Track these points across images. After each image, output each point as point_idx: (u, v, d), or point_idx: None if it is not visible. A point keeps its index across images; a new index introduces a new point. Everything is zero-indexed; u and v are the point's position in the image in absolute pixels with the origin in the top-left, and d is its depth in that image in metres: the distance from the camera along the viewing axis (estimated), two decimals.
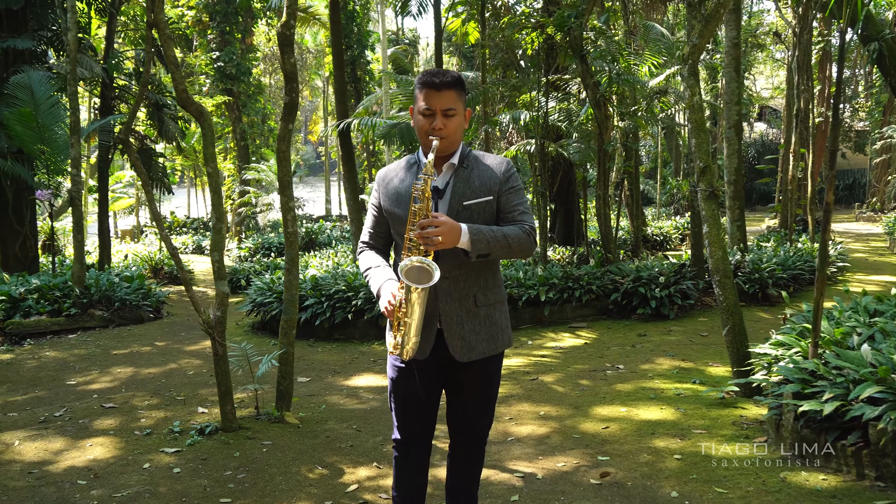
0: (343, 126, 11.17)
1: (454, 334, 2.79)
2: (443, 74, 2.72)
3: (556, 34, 8.82)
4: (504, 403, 5.51)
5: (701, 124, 5.72)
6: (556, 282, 8.58)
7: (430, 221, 2.60)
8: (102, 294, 10.33)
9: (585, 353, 7.07)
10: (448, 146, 2.77)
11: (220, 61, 21.46)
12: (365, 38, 27.27)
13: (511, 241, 2.71)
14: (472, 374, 2.88)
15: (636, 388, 5.67)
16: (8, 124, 11.15)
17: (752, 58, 24.13)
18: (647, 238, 15.36)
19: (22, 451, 4.87)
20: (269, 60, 34.36)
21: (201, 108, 4.73)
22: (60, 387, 7.24)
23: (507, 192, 2.81)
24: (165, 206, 30.42)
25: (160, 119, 15.40)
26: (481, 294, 2.82)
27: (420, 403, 2.93)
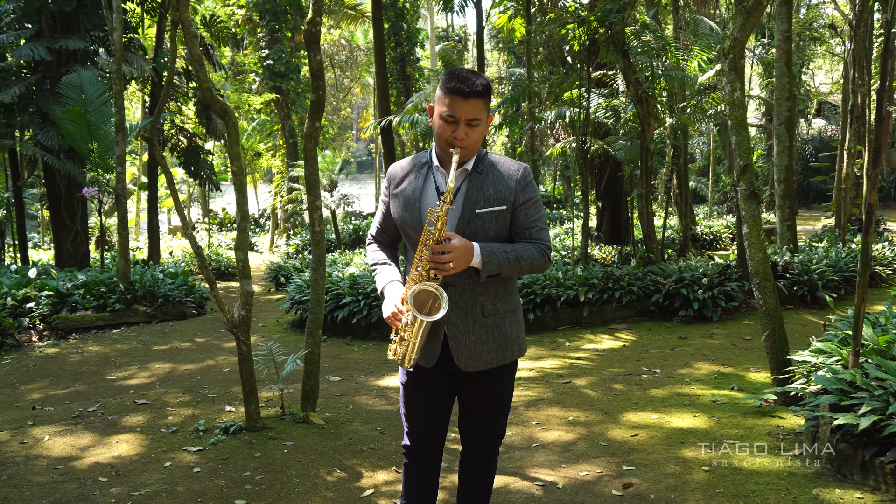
0: (384, 123, 11.14)
1: (460, 344, 2.69)
2: (472, 82, 2.54)
3: (599, 29, 8.62)
4: (533, 407, 5.39)
5: (741, 121, 5.50)
6: (596, 282, 8.40)
7: (443, 247, 2.51)
8: (146, 290, 10.49)
9: (622, 356, 6.89)
10: (467, 156, 2.65)
11: (269, 59, 21.68)
12: (414, 34, 27.25)
13: (524, 262, 2.62)
14: (480, 384, 2.78)
15: (671, 393, 5.49)
16: (59, 123, 11.41)
17: (810, 52, 23.39)
18: (697, 237, 14.99)
19: (50, 446, 4.93)
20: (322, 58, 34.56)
21: (226, 107, 4.71)
22: (100, 382, 7.35)
23: (525, 206, 2.68)
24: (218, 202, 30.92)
25: (208, 117, 15.61)
26: (490, 304, 2.70)
27: (430, 411, 2.84)
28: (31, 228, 27.23)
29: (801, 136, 27.34)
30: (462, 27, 30.05)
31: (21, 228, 15.84)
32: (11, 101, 12.26)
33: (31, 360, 8.43)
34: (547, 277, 8.53)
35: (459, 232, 2.62)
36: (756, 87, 25.00)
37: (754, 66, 24.33)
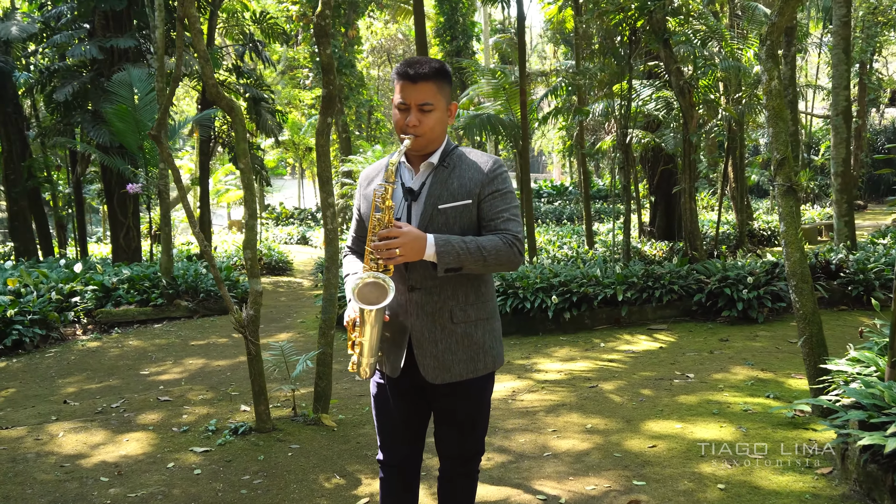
0: None
1: (426, 353, 2.50)
2: (420, 64, 2.44)
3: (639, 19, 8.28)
4: (552, 413, 5.17)
5: (779, 112, 5.15)
6: (636, 280, 8.08)
7: (389, 232, 2.34)
8: (189, 285, 10.58)
9: (657, 359, 6.59)
10: (424, 145, 2.48)
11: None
12: (469, 28, 27.04)
13: (487, 254, 2.39)
14: (452, 398, 2.58)
15: (700, 400, 5.19)
16: (109, 120, 11.61)
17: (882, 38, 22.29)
18: (753, 232, 14.41)
19: (63, 443, 4.94)
20: (378, 53, 34.71)
21: (232, 104, 4.62)
22: (133, 377, 7.40)
23: (491, 197, 2.48)
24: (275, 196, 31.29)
25: (258, 112, 15.73)
26: (459, 310, 2.51)
27: (402, 424, 2.67)
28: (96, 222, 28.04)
29: (873, 126, 26.16)
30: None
31: (81, 222, 16.27)
32: (66, 100, 12.53)
33: (73, 353, 8.57)
34: (584, 275, 8.25)
35: (422, 229, 2.44)
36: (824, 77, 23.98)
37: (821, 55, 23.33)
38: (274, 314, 11.06)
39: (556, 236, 16.13)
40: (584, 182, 13.55)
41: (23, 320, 8.75)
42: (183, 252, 17.29)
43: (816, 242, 14.06)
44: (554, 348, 7.38)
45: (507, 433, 4.81)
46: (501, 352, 2.64)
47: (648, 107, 11.45)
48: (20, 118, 14.68)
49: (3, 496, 4.10)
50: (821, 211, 18.61)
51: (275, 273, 16.73)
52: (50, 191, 16.79)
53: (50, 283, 9.91)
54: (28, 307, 8.94)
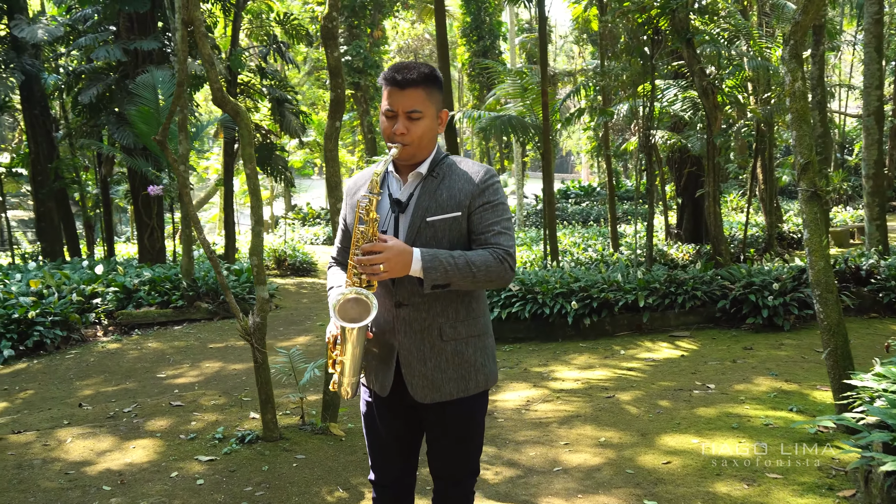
0: None
1: (414, 372, 2.39)
2: (408, 70, 2.33)
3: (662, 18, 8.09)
4: (566, 425, 5.03)
5: (802, 114, 4.96)
6: (658, 286, 7.89)
7: (373, 247, 2.22)
8: (209, 287, 10.58)
9: (678, 368, 6.41)
10: (412, 154, 2.37)
11: (347, 55, 21.75)
12: (496, 27, 26.91)
13: (476, 270, 2.27)
14: (442, 418, 2.47)
15: (720, 413, 5.02)
16: (133, 122, 11.66)
17: None
18: (783, 235, 14.08)
19: (70, 449, 4.90)
20: (405, 53, 34.68)
21: (237, 108, 4.54)
22: (149, 380, 7.39)
23: (482, 209, 2.37)
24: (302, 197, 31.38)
25: (281, 114, 15.73)
26: (449, 326, 2.39)
27: (392, 444, 2.56)
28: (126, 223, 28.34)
29: None
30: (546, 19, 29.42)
31: (108, 223, 16.41)
32: (91, 101, 12.62)
33: (93, 355, 8.59)
34: (605, 280, 8.09)
35: (409, 243, 2.33)
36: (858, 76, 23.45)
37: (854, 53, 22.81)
38: (294, 316, 11.03)
39: (581, 238, 15.94)
40: (610, 183, 13.36)
41: (44, 321, 8.79)
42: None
43: (848, 245, 13.72)
44: (573, 355, 7.23)
45: (518, 445, 4.68)
46: (495, 369, 2.52)
47: (674, 107, 11.23)
48: (48, 120, 14.83)
49: (6, 502, 4.07)
50: (853, 213, 18.19)
51: (298, 274, 16.73)
52: (78, 191, 16.94)
53: (72, 284, 9.97)
54: (50, 308, 8.98)
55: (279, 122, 15.93)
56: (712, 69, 8.48)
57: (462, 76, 34.79)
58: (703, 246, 12.45)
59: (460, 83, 36.81)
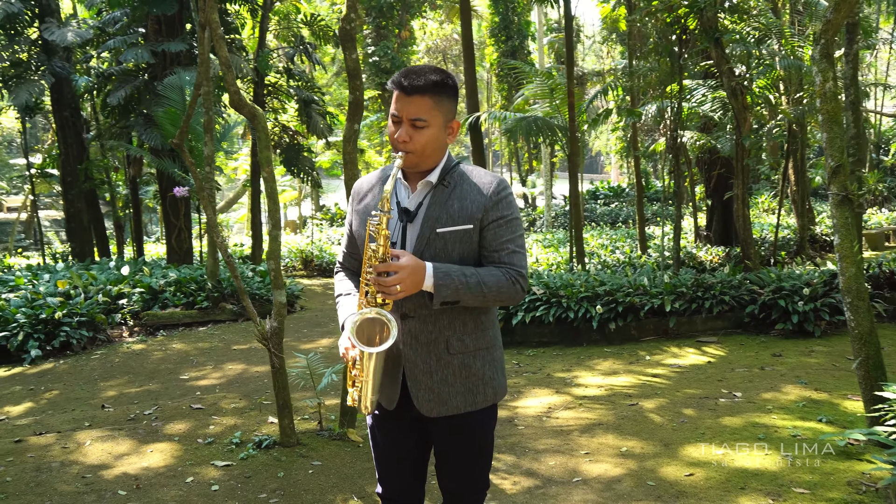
0: (472, 120, 10.79)
1: (420, 385, 2.32)
2: (417, 75, 2.23)
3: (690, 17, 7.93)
4: (587, 434, 4.93)
5: (833, 116, 4.81)
6: (685, 290, 7.74)
7: (388, 266, 2.15)
8: (234, 288, 10.59)
9: (704, 375, 6.27)
10: (415, 162, 2.28)
11: (374, 55, 21.76)
12: (524, 27, 26.76)
13: (487, 291, 2.22)
14: (449, 432, 2.40)
15: (745, 423, 4.88)
16: (160, 123, 11.73)
17: None
18: (815, 238, 13.79)
19: (88, 452, 4.91)
20: (433, 53, 34.65)
21: (254, 111, 4.51)
22: (172, 381, 7.41)
23: (495, 224, 2.29)
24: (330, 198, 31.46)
25: (308, 115, 15.76)
26: (456, 339, 2.32)
27: (399, 457, 2.50)
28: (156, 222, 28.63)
29: None
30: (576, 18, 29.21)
31: (137, 223, 16.57)
32: (119, 103, 12.73)
33: (118, 355, 8.65)
34: (631, 284, 7.95)
35: (417, 254, 2.26)
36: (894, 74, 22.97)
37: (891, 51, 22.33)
38: (319, 318, 11.02)
39: (608, 240, 15.76)
40: (638, 184, 13.19)
41: (71, 322, 8.87)
42: (235, 254, 17.47)
43: (883, 248, 13.41)
44: (597, 360, 7.11)
45: (538, 454, 4.60)
46: (504, 382, 2.44)
47: (703, 108, 11.05)
48: (78, 121, 15.00)
49: None
50: (889, 215, 17.79)
51: (325, 275, 16.75)
52: (109, 192, 17.12)
53: (98, 285, 10.04)
54: (76, 309, 9.06)
55: (306, 123, 15.96)
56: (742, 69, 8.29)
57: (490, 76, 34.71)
58: (732, 248, 12.23)
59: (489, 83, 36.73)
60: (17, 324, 8.59)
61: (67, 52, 14.63)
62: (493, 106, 35.66)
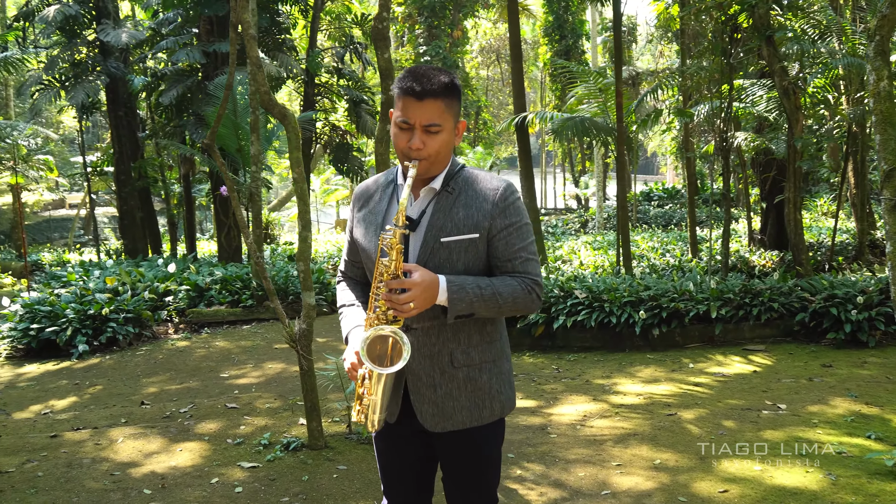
0: (518, 120, 10.68)
1: (423, 399, 2.24)
2: (427, 78, 2.13)
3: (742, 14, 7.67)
4: (621, 444, 4.77)
5: (888, 116, 4.57)
6: (732, 296, 7.48)
7: (402, 283, 2.07)
8: (278, 287, 10.66)
9: (748, 385, 6.04)
10: (426, 169, 2.19)
11: (426, 55, 21.76)
12: (578, 26, 26.46)
13: (503, 301, 2.13)
14: (454, 447, 2.30)
15: (788, 437, 4.67)
16: (209, 122, 11.89)
17: None
18: (875, 243, 13.25)
19: (119, 449, 4.95)
20: (487, 53, 34.53)
21: (284, 111, 4.48)
22: (212, 379, 7.46)
23: (505, 233, 2.19)
24: None
25: (357, 114, 15.83)
26: (461, 352, 2.22)
27: (404, 470, 2.42)
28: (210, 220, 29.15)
29: None
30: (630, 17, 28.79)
31: (190, 221, 16.84)
32: (171, 103, 12.95)
33: (162, 352, 8.76)
34: (676, 289, 7.73)
35: (421, 264, 2.17)
36: None
37: None
38: None
39: (659, 243, 15.44)
40: (690, 186, 12.87)
41: (118, 318, 9.02)
42: (284, 252, 17.64)
43: None
44: (639, 367, 6.93)
45: (568, 465, 4.47)
46: (512, 395, 2.34)
47: (758, 108, 10.71)
48: (133, 120, 15.31)
49: (49, 502, 4.11)
50: None
51: None
52: (163, 190, 17.44)
53: (146, 281, 10.21)
54: (123, 305, 9.21)
55: (355, 122, 16.03)
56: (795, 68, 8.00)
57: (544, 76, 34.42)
58: (787, 253, 11.83)
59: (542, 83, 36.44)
60: (66, 319, 8.78)
61: (124, 53, 14.95)
62: (546, 106, 35.35)
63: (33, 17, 13.74)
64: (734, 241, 13.96)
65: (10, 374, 8.12)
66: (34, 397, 7.09)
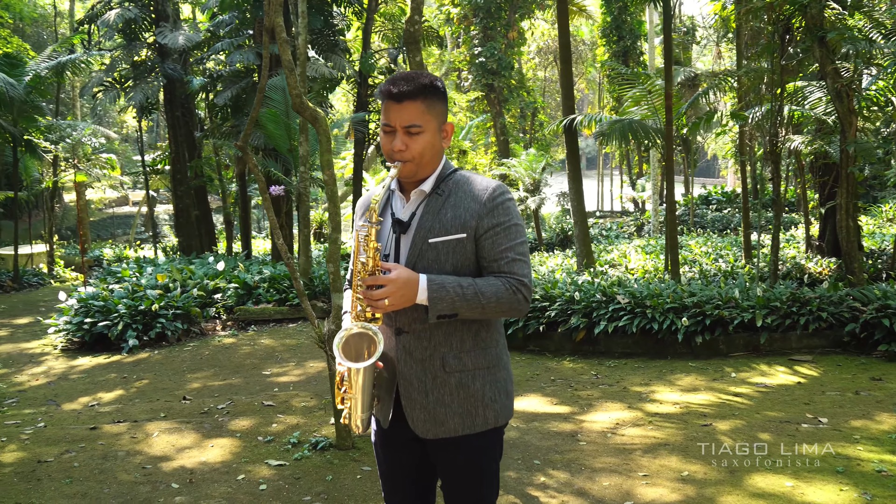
0: (566, 123, 10.57)
1: (415, 404, 2.23)
2: (406, 81, 2.16)
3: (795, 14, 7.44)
4: (650, 454, 4.68)
5: None
6: (779, 305, 7.27)
7: (376, 280, 2.09)
8: (325, 286, 10.78)
9: (790, 397, 5.86)
10: (413, 171, 2.20)
11: (481, 56, 21.73)
12: (636, 27, 26.09)
13: (486, 301, 2.11)
14: (448, 455, 2.29)
15: (825, 453, 4.51)
16: (263, 124, 12.10)
17: None
18: None
19: (154, 443, 5.06)
20: (544, 54, 34.31)
21: (315, 114, 4.52)
22: (255, 376, 7.59)
23: (492, 232, 2.18)
24: None
25: None
26: (453, 357, 2.21)
27: (400, 476, 2.42)
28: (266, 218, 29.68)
29: None
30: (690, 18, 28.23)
31: (245, 220, 17.16)
32: (225, 103, 13.22)
33: (209, 348, 8.95)
34: (721, 296, 7.55)
35: (410, 266, 2.18)
36: None
37: None
38: None
39: (713, 248, 15.11)
40: (744, 190, 12.59)
41: (167, 314, 9.24)
42: None
43: None
44: (679, 375, 6.79)
45: (593, 473, 4.40)
46: (508, 405, 2.30)
47: (816, 111, 10.39)
48: (190, 120, 15.67)
49: (82, 492, 4.23)
50: None
51: None
52: (220, 189, 17.82)
53: (196, 279, 10.43)
54: (173, 302, 9.44)
55: None
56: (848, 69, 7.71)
57: (602, 77, 34.07)
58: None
59: (600, 84, 36.07)
60: (117, 314, 9.04)
61: (183, 55, 15.33)
62: (603, 108, 34.97)
63: (96, 21, 14.19)
64: (792, 247, 13.58)
65: (64, 367, 8.40)
66: (83, 389, 7.32)
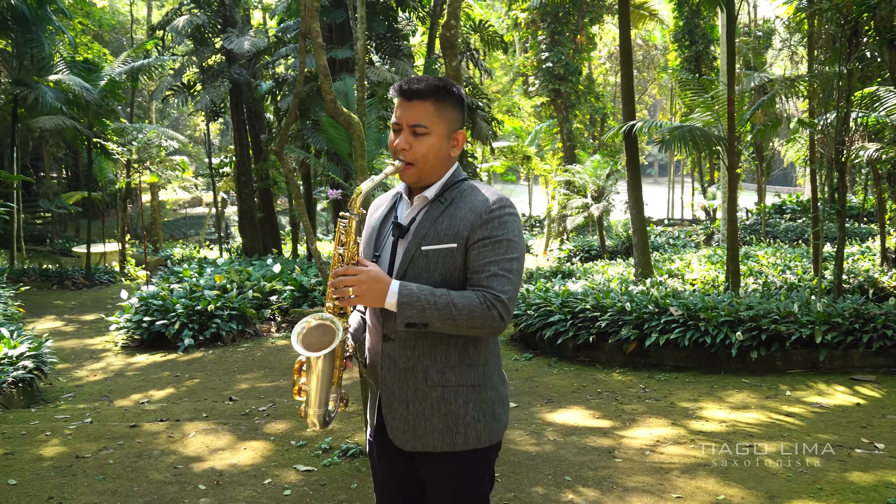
0: (625, 129, 10.34)
1: (395, 414, 2.20)
2: (418, 81, 2.14)
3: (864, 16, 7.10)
4: (687, 474, 4.50)
5: None
6: (841, 321, 6.93)
7: (346, 270, 2.06)
8: None
9: (847, 419, 5.56)
10: (417, 175, 2.18)
11: (548, 62, 21.55)
12: (708, 31, 25.46)
13: (457, 314, 2.04)
14: (430, 470, 2.24)
15: (877, 482, 4.25)
16: (324, 127, 12.21)
17: None
18: None
19: (188, 443, 5.13)
20: (615, 59, 33.80)
21: (349, 119, 4.51)
22: None
23: (480, 244, 2.11)
24: None
25: (473, 120, 15.86)
26: (436, 371, 2.15)
27: (387, 486, 2.38)
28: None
29: None
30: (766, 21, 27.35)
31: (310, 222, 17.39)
32: (288, 108, 13.41)
33: (261, 350, 9.07)
34: (779, 310, 7.24)
35: (402, 271, 2.15)
36: None
37: None
38: None
39: (781, 259, 14.57)
40: (813, 200, 12.07)
41: (222, 315, 9.41)
42: None
43: None
44: (731, 391, 6.53)
45: (625, 492, 4.25)
46: (496, 427, 2.22)
47: (893, 117, 9.91)
48: (257, 124, 15.97)
49: (112, 490, 4.31)
50: None
51: None
52: (288, 191, 18.09)
53: (253, 280, 10.60)
54: (229, 303, 9.61)
55: (471, 128, 16.07)
56: None
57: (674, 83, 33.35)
58: None
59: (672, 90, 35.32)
60: (175, 313, 9.24)
61: (252, 60, 15.64)
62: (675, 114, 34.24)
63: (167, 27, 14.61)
64: (867, 259, 13.01)
65: (122, 363, 8.64)
66: (137, 386, 7.50)
